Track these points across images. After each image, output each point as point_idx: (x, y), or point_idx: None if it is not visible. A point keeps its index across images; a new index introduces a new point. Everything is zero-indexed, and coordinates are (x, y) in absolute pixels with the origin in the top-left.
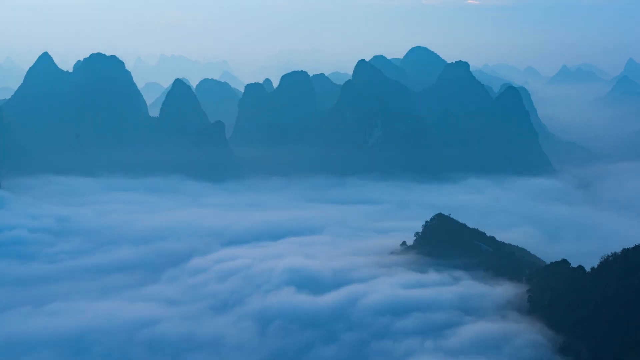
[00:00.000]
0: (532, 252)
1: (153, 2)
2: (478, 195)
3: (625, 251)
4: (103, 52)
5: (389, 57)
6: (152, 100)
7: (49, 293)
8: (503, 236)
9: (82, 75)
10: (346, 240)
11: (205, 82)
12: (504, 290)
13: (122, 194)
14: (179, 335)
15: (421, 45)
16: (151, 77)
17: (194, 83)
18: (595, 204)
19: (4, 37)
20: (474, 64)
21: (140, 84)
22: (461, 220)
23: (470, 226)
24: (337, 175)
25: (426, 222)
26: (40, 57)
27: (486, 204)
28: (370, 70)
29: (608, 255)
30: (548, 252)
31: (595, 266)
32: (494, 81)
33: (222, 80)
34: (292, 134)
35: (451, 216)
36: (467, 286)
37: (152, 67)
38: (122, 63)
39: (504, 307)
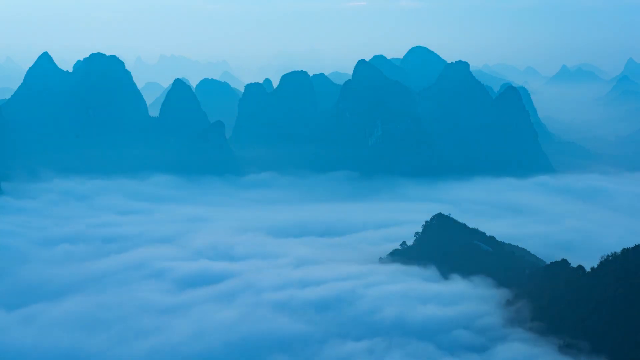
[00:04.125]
0: (532, 252)
1: (153, 2)
2: (478, 195)
3: (625, 251)
4: (103, 52)
5: (389, 57)
6: (152, 100)
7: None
8: (503, 236)
9: (82, 75)
10: (345, 240)
11: (205, 82)
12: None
13: (122, 194)
14: None
15: (421, 45)
16: (151, 77)
17: (194, 83)
18: (595, 203)
19: (4, 37)
20: (474, 64)
21: (140, 84)
22: (461, 220)
23: (470, 226)
24: (337, 175)
25: (426, 222)
26: (40, 57)
27: (486, 204)
28: (370, 70)
29: (608, 255)
30: (548, 252)
31: (595, 266)
32: (494, 81)
33: (222, 80)
34: (292, 134)
35: (451, 216)
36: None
37: (152, 67)
38: (122, 63)
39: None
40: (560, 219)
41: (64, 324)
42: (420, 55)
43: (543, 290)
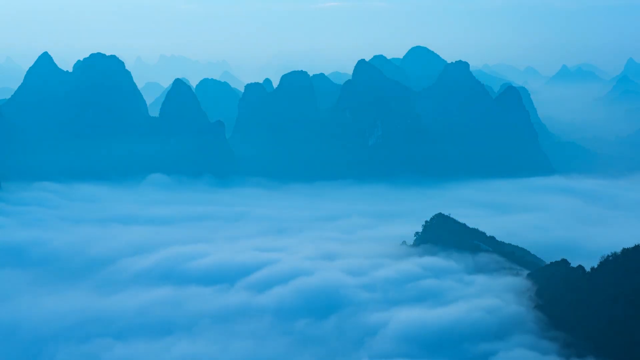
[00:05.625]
0: (532, 252)
1: (153, 2)
2: (477, 195)
3: (625, 251)
4: (103, 52)
5: (389, 57)
6: (152, 100)
7: None
8: (503, 235)
9: (82, 75)
10: (346, 238)
11: (205, 82)
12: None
13: (122, 196)
14: None
15: (421, 45)
16: (151, 77)
17: (194, 83)
18: (595, 203)
19: (4, 37)
20: (474, 64)
21: (140, 83)
22: (461, 220)
23: (470, 226)
24: (337, 175)
25: (426, 221)
26: (40, 57)
27: (485, 204)
28: (370, 70)
29: (608, 255)
30: (548, 252)
31: (595, 266)
32: (494, 81)
33: (222, 80)
34: (292, 134)
35: (451, 216)
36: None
37: (152, 67)
38: (122, 63)
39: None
40: (560, 219)
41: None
42: (420, 55)
43: (543, 290)
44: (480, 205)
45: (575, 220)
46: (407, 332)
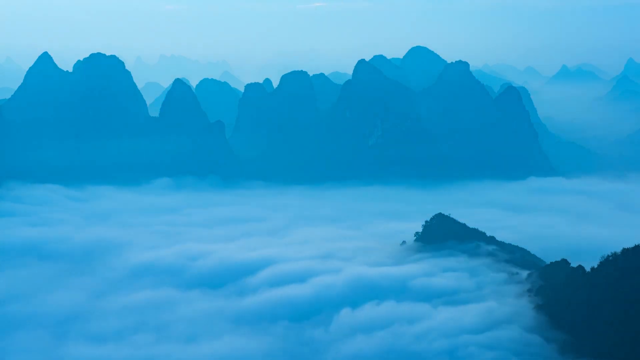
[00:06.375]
0: (532, 252)
1: (153, 3)
2: (477, 195)
3: (625, 251)
4: (103, 52)
5: (389, 57)
6: (152, 100)
7: None
8: (503, 235)
9: (82, 75)
10: (345, 238)
11: (205, 82)
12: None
13: (123, 196)
14: None
15: (421, 45)
16: (151, 77)
17: (194, 83)
18: (594, 203)
19: (4, 37)
20: (474, 64)
21: (140, 83)
22: (461, 220)
23: (470, 226)
24: (337, 175)
25: (426, 222)
26: (40, 57)
27: (485, 204)
28: (370, 70)
29: (608, 255)
30: (548, 252)
31: (595, 266)
32: (494, 81)
33: (222, 80)
34: (292, 134)
35: (451, 216)
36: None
37: (152, 66)
38: (122, 63)
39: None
40: (560, 219)
41: None
42: (420, 55)
43: (543, 290)
44: (479, 205)
45: (575, 220)
46: (403, 331)
